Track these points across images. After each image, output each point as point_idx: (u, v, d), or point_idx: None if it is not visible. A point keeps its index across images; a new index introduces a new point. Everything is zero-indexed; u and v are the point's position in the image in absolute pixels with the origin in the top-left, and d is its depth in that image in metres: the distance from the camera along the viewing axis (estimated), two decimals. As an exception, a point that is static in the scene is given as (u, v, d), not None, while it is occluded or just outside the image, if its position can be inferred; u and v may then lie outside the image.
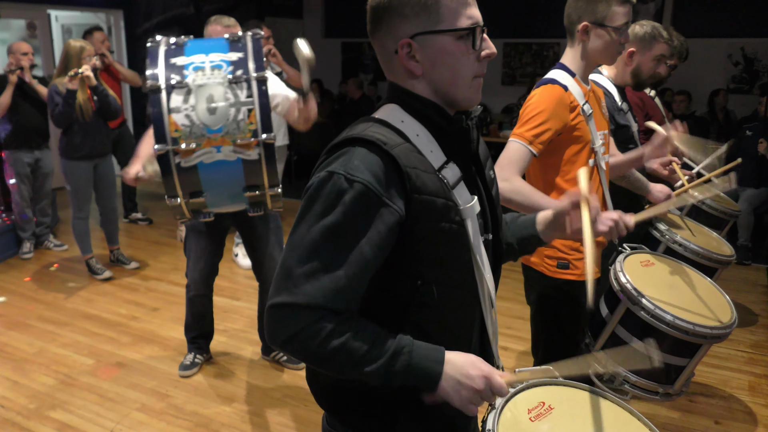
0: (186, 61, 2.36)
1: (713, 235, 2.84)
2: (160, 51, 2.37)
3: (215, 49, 2.43)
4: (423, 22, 1.17)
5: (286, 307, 1.10)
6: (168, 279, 5.01)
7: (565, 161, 2.14)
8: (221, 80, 2.33)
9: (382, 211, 1.11)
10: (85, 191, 4.86)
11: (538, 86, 2.14)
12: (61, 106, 4.46)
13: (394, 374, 1.13)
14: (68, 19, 8.38)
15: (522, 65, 9.08)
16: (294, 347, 1.12)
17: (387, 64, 1.25)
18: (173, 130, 2.25)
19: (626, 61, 2.79)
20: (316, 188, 1.13)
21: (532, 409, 1.28)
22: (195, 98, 2.30)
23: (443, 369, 1.14)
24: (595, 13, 2.08)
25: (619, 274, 2.06)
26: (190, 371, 3.51)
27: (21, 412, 3.16)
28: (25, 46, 5.08)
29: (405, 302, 1.20)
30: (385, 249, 1.14)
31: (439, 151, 1.21)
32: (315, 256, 1.10)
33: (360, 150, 1.13)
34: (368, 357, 1.12)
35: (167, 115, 2.26)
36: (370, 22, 1.23)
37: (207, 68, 2.34)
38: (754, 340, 4.07)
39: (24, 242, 5.47)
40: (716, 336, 1.95)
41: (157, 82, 2.29)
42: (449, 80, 1.20)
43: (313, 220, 1.11)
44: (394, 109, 1.23)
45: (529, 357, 3.52)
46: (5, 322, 4.21)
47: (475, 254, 1.24)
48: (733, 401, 3.35)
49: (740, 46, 7.76)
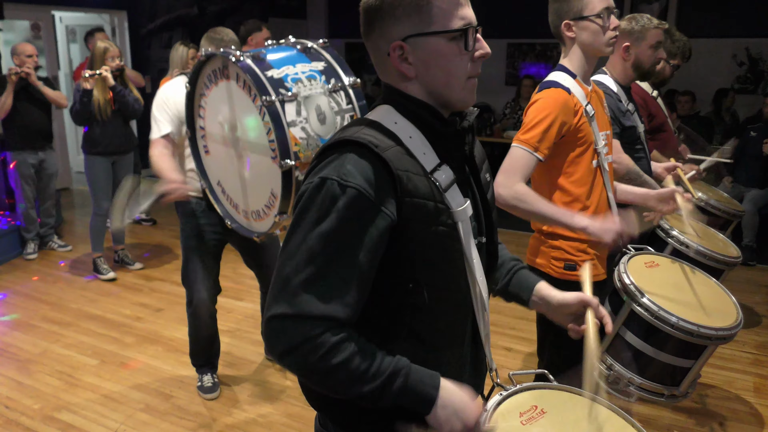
0: (281, 73, 2.27)
1: (719, 237, 2.83)
2: (252, 65, 2.23)
3: (297, 59, 2.36)
4: (415, 23, 1.15)
5: (286, 318, 1.09)
6: (172, 280, 5.01)
7: (568, 163, 2.13)
8: (321, 90, 2.29)
9: (374, 216, 1.10)
10: (103, 186, 4.94)
11: (541, 89, 2.13)
12: (77, 104, 4.63)
13: (389, 395, 1.12)
14: (72, 20, 8.40)
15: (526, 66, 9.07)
16: (293, 360, 1.11)
17: (380, 66, 1.24)
18: (293, 144, 2.16)
19: (623, 56, 2.77)
20: (310, 195, 1.12)
21: (524, 412, 1.28)
22: (305, 110, 2.23)
23: (438, 395, 1.14)
24: (572, 9, 2.10)
25: (623, 276, 2.05)
26: (216, 392, 3.32)
27: (25, 413, 3.16)
28: (30, 48, 5.11)
29: (397, 305, 1.20)
30: (379, 254, 1.13)
31: (433, 154, 1.20)
32: (312, 265, 1.09)
33: (351, 154, 1.12)
34: (367, 376, 1.10)
35: (288, 130, 2.17)
36: (363, 24, 1.22)
37: (303, 79, 2.28)
38: (759, 341, 4.05)
39: (28, 243, 5.48)
40: (721, 337, 1.94)
41: (271, 97, 2.15)
42: (443, 82, 1.19)
43: (308, 228, 1.10)
44: (387, 110, 1.22)
45: (534, 358, 3.51)
46: (10, 322, 4.22)
47: (468, 257, 1.23)
48: (739, 402, 3.34)
49: (745, 46, 7.73)
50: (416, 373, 1.14)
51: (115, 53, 4.73)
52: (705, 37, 7.73)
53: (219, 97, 2.45)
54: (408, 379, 1.12)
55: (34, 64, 5.07)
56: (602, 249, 2.25)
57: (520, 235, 6.19)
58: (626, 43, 2.75)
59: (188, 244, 3.14)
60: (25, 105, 5.10)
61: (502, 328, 4.11)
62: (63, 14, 8.23)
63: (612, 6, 2.10)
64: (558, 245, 2.20)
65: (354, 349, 1.10)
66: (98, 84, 4.60)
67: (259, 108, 2.20)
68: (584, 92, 2.14)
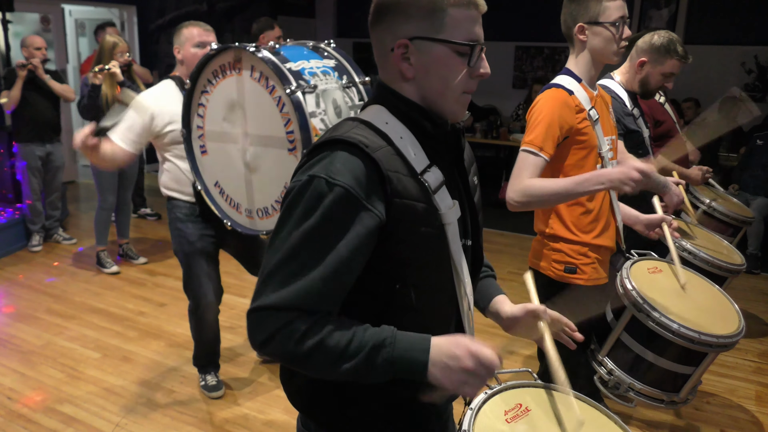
0: (298, 66, 2.28)
1: (723, 243, 2.83)
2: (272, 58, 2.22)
3: (310, 56, 2.38)
4: (425, 26, 1.16)
5: (261, 310, 1.10)
6: (175, 275, 5.02)
7: (572, 166, 2.13)
8: (336, 85, 2.30)
9: (362, 215, 1.10)
10: (109, 180, 4.95)
11: (543, 91, 2.14)
12: (85, 98, 4.61)
13: (375, 369, 1.10)
14: (82, 14, 8.43)
15: (533, 68, 9.06)
16: (271, 349, 1.12)
17: (380, 60, 1.24)
18: (314, 135, 2.16)
19: (636, 69, 2.79)
20: (297, 193, 1.12)
21: (509, 410, 1.29)
22: (324, 102, 2.23)
23: (429, 357, 1.10)
24: (588, 12, 2.09)
25: (626, 281, 2.05)
26: (220, 390, 3.30)
27: (27, 404, 3.18)
28: (39, 41, 5.13)
29: (384, 304, 1.20)
30: (365, 252, 1.13)
31: (422, 155, 1.20)
32: (292, 260, 1.09)
33: (341, 153, 1.12)
34: (345, 354, 1.09)
35: (309, 120, 2.16)
36: (372, 14, 1.22)
37: (319, 74, 2.29)
38: (762, 350, 4.04)
39: (33, 235, 5.51)
40: (723, 345, 1.94)
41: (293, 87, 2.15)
42: (438, 90, 1.19)
43: (293, 224, 1.11)
44: (378, 110, 1.22)
45: (534, 361, 3.51)
46: (13, 314, 4.24)
47: (454, 259, 1.24)
48: (740, 410, 3.33)
49: (754, 53, 7.71)
50: (403, 341, 1.11)
51: (124, 48, 4.70)
52: (713, 44, 7.71)
53: (225, 93, 2.43)
54: (394, 349, 1.10)
55: (43, 57, 5.09)
56: (604, 252, 2.25)
57: (522, 238, 6.21)
58: (643, 59, 2.75)
59: (185, 251, 3.01)
60: (33, 97, 5.13)
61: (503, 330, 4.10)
62: (72, 7, 8.27)
63: (626, 16, 2.10)
64: (559, 248, 2.20)
65: (329, 329, 1.10)
66: (106, 79, 4.58)
67: (277, 99, 2.19)
68: (589, 96, 2.14)
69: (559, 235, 2.19)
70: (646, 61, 2.76)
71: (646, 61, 2.76)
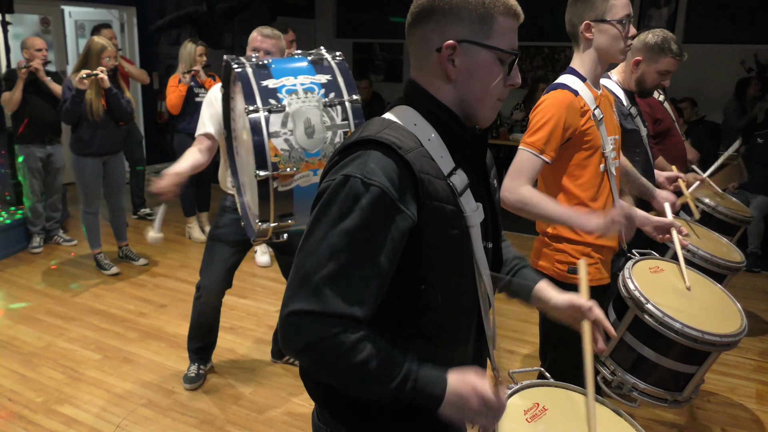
0: (277, 84, 2.29)
1: (723, 242, 2.83)
2: (249, 74, 2.28)
3: (301, 71, 2.38)
4: (475, 31, 1.17)
5: (305, 314, 1.08)
6: (176, 276, 5.03)
7: (575, 166, 2.13)
8: (316, 103, 2.29)
9: (396, 216, 1.10)
10: (93, 187, 4.90)
11: (548, 92, 2.13)
12: (68, 103, 4.50)
13: (400, 398, 1.12)
14: (82, 15, 8.43)
15: (533, 68, 9.06)
16: (312, 356, 1.11)
17: (421, 59, 1.23)
18: (273, 155, 2.18)
19: (632, 68, 2.78)
20: (332, 192, 1.11)
21: (527, 410, 1.30)
22: (293, 122, 2.24)
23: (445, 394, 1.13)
24: (595, 10, 2.09)
25: (628, 281, 2.05)
26: (196, 383, 3.38)
27: (28, 406, 3.17)
28: (39, 42, 5.11)
29: (407, 304, 1.20)
30: (398, 254, 1.13)
31: (449, 157, 1.20)
32: (333, 262, 1.08)
33: (375, 153, 1.12)
34: (382, 378, 1.10)
35: (267, 140, 2.19)
36: (417, 13, 1.21)
37: (300, 91, 2.29)
38: (762, 348, 4.04)
39: (34, 237, 5.49)
40: (726, 344, 1.94)
41: (256, 107, 2.20)
42: (478, 95, 1.20)
43: (330, 224, 1.09)
44: (406, 110, 1.22)
45: (534, 360, 3.51)
46: (14, 315, 4.24)
47: (477, 261, 1.24)
48: (741, 409, 3.33)
49: (753, 52, 7.70)
50: (425, 377, 1.13)
51: (112, 53, 4.60)
52: (713, 42, 7.70)
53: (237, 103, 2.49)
54: (417, 383, 1.12)
55: (43, 59, 5.07)
56: (606, 253, 2.25)
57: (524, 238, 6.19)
58: (638, 58, 2.75)
59: (212, 233, 3.26)
60: (34, 98, 5.11)
61: (504, 330, 4.11)
62: (72, 9, 8.26)
63: (632, 14, 2.10)
64: (562, 248, 2.20)
65: (372, 350, 1.10)
66: (93, 85, 4.48)
67: None
68: (593, 96, 2.13)
69: (562, 235, 2.19)
70: (641, 59, 2.76)
71: (641, 59, 2.76)
